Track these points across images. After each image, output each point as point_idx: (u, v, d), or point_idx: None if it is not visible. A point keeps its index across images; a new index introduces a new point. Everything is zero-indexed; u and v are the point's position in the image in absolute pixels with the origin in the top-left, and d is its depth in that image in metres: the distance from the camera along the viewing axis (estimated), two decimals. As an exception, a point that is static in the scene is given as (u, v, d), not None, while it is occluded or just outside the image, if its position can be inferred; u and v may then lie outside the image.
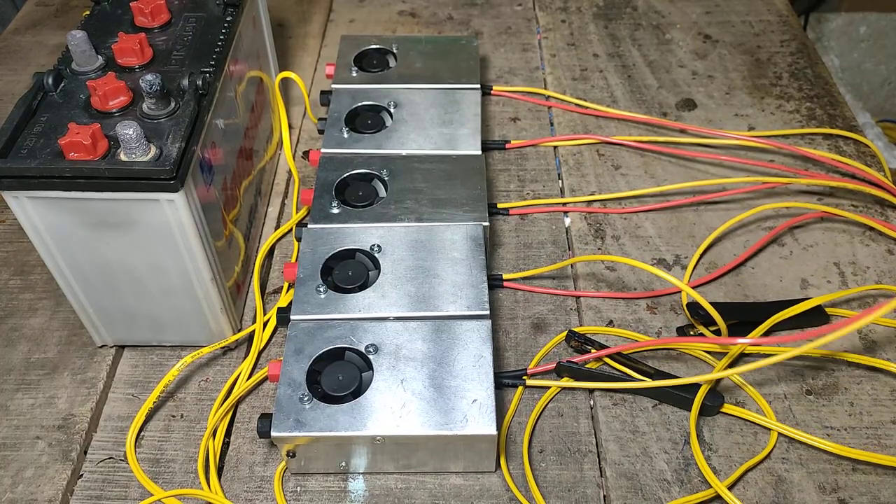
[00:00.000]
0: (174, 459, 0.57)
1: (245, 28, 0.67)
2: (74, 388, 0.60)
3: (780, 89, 0.87)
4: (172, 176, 0.49)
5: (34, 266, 0.69)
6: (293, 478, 0.55)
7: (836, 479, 0.54)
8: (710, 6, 0.99)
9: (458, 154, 0.70)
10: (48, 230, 0.53)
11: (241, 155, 0.66)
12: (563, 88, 0.87)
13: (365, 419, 0.51)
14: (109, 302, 0.58)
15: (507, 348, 0.62)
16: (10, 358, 0.62)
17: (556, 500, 0.54)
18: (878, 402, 0.59)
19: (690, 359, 0.62)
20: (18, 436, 0.58)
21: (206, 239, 0.55)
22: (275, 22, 0.93)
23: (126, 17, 0.62)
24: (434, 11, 1.00)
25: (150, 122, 0.52)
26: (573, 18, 0.98)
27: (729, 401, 0.59)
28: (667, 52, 0.92)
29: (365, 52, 0.80)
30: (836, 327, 0.42)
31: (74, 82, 0.56)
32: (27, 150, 0.50)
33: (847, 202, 0.74)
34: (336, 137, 0.71)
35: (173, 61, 0.58)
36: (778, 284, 0.67)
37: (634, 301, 0.66)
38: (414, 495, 0.54)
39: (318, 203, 0.65)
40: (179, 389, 0.61)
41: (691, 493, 0.54)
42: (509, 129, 0.83)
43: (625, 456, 0.56)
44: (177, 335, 0.62)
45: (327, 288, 0.59)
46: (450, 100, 0.75)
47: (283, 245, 0.72)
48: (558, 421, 0.58)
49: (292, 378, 0.53)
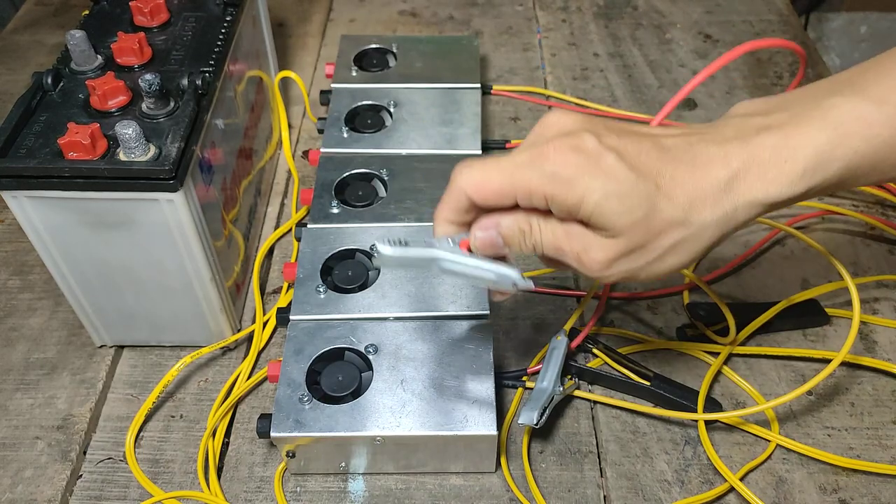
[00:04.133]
0: (173, 460, 0.56)
1: (245, 27, 0.67)
2: (74, 389, 0.60)
3: (780, 89, 0.86)
4: (172, 176, 0.49)
5: (33, 266, 0.69)
6: (293, 478, 0.55)
7: (837, 480, 0.54)
8: (710, 6, 0.99)
9: (458, 154, 0.70)
10: (47, 230, 0.53)
11: (240, 155, 0.66)
12: (563, 88, 0.87)
13: (365, 419, 0.51)
14: (109, 302, 0.58)
15: (508, 348, 0.62)
16: (9, 358, 0.62)
17: (557, 500, 0.54)
18: (880, 402, 0.59)
19: (691, 359, 0.61)
20: (18, 436, 0.57)
21: (205, 239, 0.55)
22: (274, 21, 0.92)
23: (125, 16, 0.62)
24: (434, 11, 1.00)
25: (150, 122, 0.52)
26: (574, 18, 0.98)
27: (729, 401, 0.59)
28: (667, 51, 0.92)
29: (365, 52, 0.80)
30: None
31: (73, 82, 0.56)
32: (26, 150, 0.50)
33: (848, 202, 0.73)
34: (336, 137, 0.71)
35: (172, 61, 0.58)
36: (778, 284, 0.67)
37: (635, 301, 0.66)
38: (414, 496, 0.54)
39: (318, 203, 0.65)
40: (179, 390, 0.61)
41: (691, 494, 0.53)
42: (509, 129, 0.83)
43: (625, 456, 0.56)
44: (176, 335, 0.62)
45: (327, 288, 0.58)
46: (450, 99, 0.75)
47: (282, 245, 0.72)
48: (558, 421, 0.58)
49: (292, 378, 0.53)
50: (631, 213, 0.36)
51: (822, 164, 0.37)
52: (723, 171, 0.37)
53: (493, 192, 0.39)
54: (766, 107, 0.39)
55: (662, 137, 0.38)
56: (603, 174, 0.36)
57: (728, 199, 0.37)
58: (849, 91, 0.38)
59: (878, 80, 0.38)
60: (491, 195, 0.39)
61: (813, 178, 0.37)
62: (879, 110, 0.37)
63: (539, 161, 0.37)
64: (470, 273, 0.41)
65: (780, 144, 0.37)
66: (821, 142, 0.37)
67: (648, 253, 0.38)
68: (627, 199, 0.36)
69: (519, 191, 0.38)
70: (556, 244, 0.39)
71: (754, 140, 0.37)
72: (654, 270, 0.39)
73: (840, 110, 0.37)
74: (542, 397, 0.53)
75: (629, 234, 0.37)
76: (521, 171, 0.38)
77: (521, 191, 0.38)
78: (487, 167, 0.39)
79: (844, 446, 0.56)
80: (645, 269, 0.38)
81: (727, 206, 0.37)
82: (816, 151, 0.37)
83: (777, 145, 0.37)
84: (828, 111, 0.37)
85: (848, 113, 0.37)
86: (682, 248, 0.38)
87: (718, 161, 0.37)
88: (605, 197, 0.36)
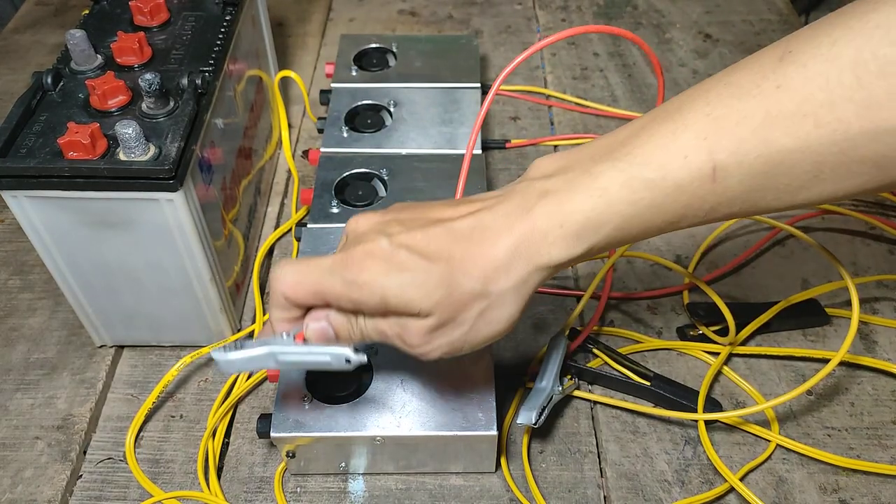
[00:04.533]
0: (173, 460, 0.56)
1: (244, 27, 0.67)
2: (74, 388, 0.60)
3: (780, 89, 0.86)
4: (172, 175, 0.49)
5: (33, 266, 0.69)
6: (293, 478, 0.55)
7: (837, 480, 0.54)
8: (710, 5, 0.99)
9: (458, 153, 0.70)
10: (47, 230, 0.53)
11: (240, 154, 0.66)
12: (563, 88, 0.87)
13: (365, 419, 0.51)
14: (108, 302, 0.58)
15: (507, 348, 0.62)
16: (9, 358, 0.62)
17: (557, 500, 0.54)
18: (880, 402, 0.59)
19: (691, 359, 0.61)
20: (18, 436, 0.57)
21: (205, 238, 0.55)
22: (274, 21, 0.92)
23: (125, 16, 0.62)
24: (434, 10, 1.00)
25: (150, 122, 0.52)
26: (573, 17, 0.98)
27: (729, 401, 0.59)
28: (667, 51, 0.92)
29: (364, 52, 0.80)
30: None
31: (73, 81, 0.56)
32: (26, 150, 0.50)
33: (848, 201, 0.73)
34: (336, 137, 0.71)
35: (172, 60, 0.58)
36: (778, 284, 0.67)
37: (635, 301, 0.66)
38: (414, 496, 0.54)
39: (318, 202, 0.65)
40: (179, 389, 0.61)
41: (691, 494, 0.53)
42: (509, 129, 0.83)
43: (625, 456, 0.56)
44: (176, 335, 0.62)
45: (327, 288, 0.58)
46: (450, 99, 0.75)
47: (282, 245, 0.72)
48: (558, 421, 0.58)
49: (292, 378, 0.53)
50: (431, 295, 0.39)
51: (591, 228, 0.39)
52: (509, 240, 0.40)
53: (306, 294, 0.42)
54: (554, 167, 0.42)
55: (453, 221, 0.41)
56: (396, 272, 0.39)
57: (518, 265, 0.40)
58: (618, 154, 0.39)
59: (646, 142, 0.39)
60: (305, 297, 0.42)
61: (587, 240, 0.39)
62: (641, 174, 0.38)
63: (340, 268, 0.41)
64: (306, 360, 0.43)
65: (555, 210, 0.40)
66: (587, 207, 0.39)
67: (460, 325, 0.41)
68: (424, 285, 0.39)
69: (328, 295, 0.41)
70: (379, 330, 0.42)
71: (535, 208, 0.40)
72: (473, 339, 0.42)
73: (606, 176, 0.39)
74: (541, 397, 0.53)
75: (438, 311, 0.40)
76: (326, 278, 0.41)
77: (329, 296, 0.41)
78: (299, 270, 0.42)
79: (844, 446, 0.56)
80: (463, 339, 0.41)
81: (521, 272, 0.40)
82: (585, 217, 0.39)
83: (552, 212, 0.40)
84: (597, 177, 0.39)
85: (612, 179, 0.39)
86: (490, 317, 0.41)
87: (504, 232, 0.40)
88: (401, 289, 0.39)
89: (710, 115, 0.37)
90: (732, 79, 0.38)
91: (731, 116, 0.36)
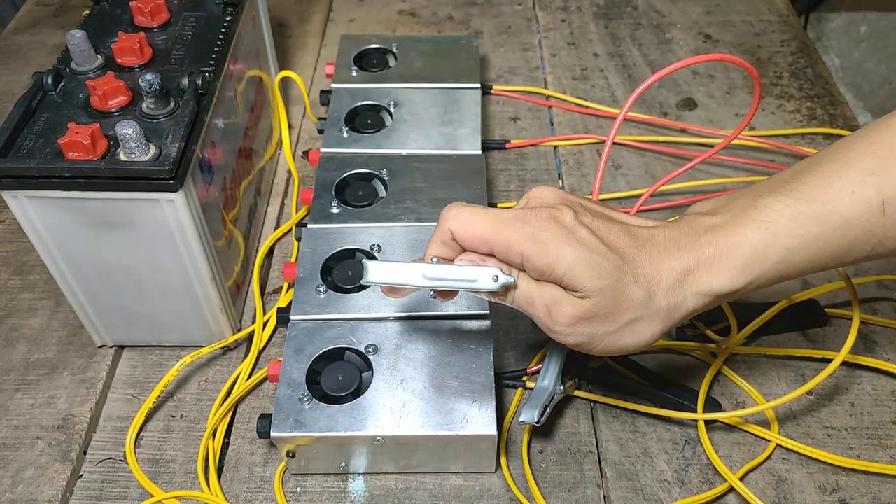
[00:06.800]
0: (174, 460, 0.56)
1: (245, 27, 0.67)
2: (74, 389, 0.60)
3: (780, 89, 0.87)
4: (172, 175, 0.49)
5: (34, 266, 0.69)
6: (293, 478, 0.55)
7: (837, 480, 0.54)
8: (710, 6, 0.99)
9: (458, 154, 0.70)
10: (48, 230, 0.53)
11: (240, 154, 0.66)
12: (563, 88, 0.87)
13: (365, 419, 0.51)
14: (109, 302, 0.58)
15: (507, 348, 0.62)
16: (9, 358, 0.62)
17: (557, 500, 0.54)
18: (879, 402, 0.59)
19: (691, 359, 0.61)
20: (18, 436, 0.57)
21: (205, 239, 0.55)
22: (274, 21, 0.92)
23: (125, 16, 0.62)
24: (434, 11, 1.00)
25: (150, 122, 0.52)
26: (573, 18, 0.98)
27: (729, 401, 0.59)
28: (667, 51, 0.92)
29: (365, 52, 0.80)
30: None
31: (74, 82, 0.56)
32: (27, 150, 0.50)
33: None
34: (336, 137, 0.71)
35: (173, 61, 0.58)
36: (778, 284, 0.66)
37: (635, 301, 0.66)
38: (414, 496, 0.54)
39: (318, 203, 0.65)
40: (179, 390, 0.61)
41: (691, 494, 0.53)
42: (509, 129, 0.83)
43: (625, 456, 0.56)
44: (176, 335, 0.62)
45: (327, 288, 0.58)
46: (450, 99, 0.75)
47: (282, 245, 0.72)
48: (558, 421, 0.58)
49: (292, 378, 0.53)
50: (601, 278, 0.40)
51: (757, 260, 0.41)
52: (676, 263, 0.41)
53: (475, 236, 0.42)
54: (715, 206, 0.44)
55: (631, 226, 0.43)
56: (576, 242, 0.40)
57: (679, 288, 0.41)
58: (783, 191, 0.41)
59: (810, 179, 0.41)
60: (473, 238, 0.42)
61: (751, 273, 0.41)
62: (809, 209, 0.40)
63: (521, 221, 0.41)
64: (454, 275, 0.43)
65: (722, 242, 0.41)
66: (754, 239, 0.40)
67: (610, 322, 0.41)
68: (597, 266, 0.40)
69: (499, 243, 0.41)
70: (529, 295, 0.42)
71: (702, 239, 0.41)
72: (610, 344, 0.42)
73: (772, 210, 0.40)
74: (543, 396, 0.53)
75: (598, 297, 0.40)
76: (503, 226, 0.41)
77: (500, 243, 0.41)
78: (476, 212, 0.42)
79: (844, 446, 0.56)
80: (603, 338, 0.42)
81: (678, 295, 0.41)
82: (752, 248, 0.40)
83: (719, 243, 0.41)
84: (762, 211, 0.41)
85: (779, 212, 0.40)
86: (637, 328, 0.42)
87: (674, 254, 0.41)
88: (576, 261, 0.40)
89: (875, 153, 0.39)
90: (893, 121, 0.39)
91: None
